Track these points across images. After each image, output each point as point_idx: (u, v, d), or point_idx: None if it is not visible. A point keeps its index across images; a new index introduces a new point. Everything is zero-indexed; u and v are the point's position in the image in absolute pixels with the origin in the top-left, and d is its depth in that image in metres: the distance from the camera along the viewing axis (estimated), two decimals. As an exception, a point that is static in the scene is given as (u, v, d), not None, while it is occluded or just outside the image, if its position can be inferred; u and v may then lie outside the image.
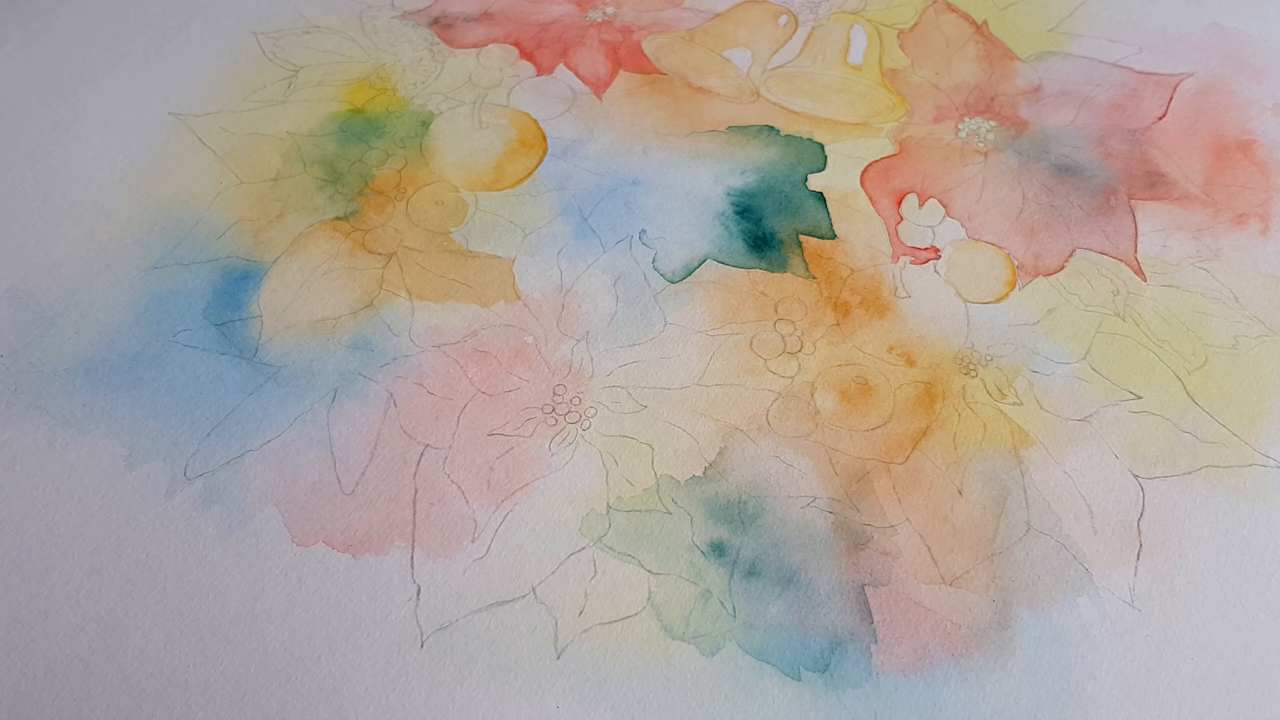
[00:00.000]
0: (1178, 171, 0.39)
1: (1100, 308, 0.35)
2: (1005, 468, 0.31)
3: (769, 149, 0.39)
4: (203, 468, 0.31)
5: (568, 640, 0.29)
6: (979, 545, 0.30)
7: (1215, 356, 0.34)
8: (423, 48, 0.43)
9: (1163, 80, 0.41)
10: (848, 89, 0.41)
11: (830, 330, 0.34)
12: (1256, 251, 0.36)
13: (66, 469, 0.31)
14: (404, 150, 0.39)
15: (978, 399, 0.33)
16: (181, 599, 0.29)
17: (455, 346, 0.34)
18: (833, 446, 0.32)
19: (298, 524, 0.30)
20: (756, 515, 0.31)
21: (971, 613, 0.29)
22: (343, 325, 0.34)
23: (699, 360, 0.34)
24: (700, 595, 0.29)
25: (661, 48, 0.43)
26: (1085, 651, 0.28)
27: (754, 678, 0.28)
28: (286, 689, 0.28)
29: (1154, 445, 0.32)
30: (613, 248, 0.36)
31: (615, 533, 0.30)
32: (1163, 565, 0.30)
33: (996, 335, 0.34)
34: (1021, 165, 0.39)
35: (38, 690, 0.28)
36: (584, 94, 0.41)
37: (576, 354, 0.34)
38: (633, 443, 0.32)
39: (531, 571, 0.30)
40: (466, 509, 0.31)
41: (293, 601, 0.29)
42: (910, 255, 0.36)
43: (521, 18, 0.44)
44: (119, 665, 0.28)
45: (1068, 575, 0.30)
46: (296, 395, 0.33)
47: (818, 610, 0.29)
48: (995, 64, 0.42)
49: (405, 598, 0.29)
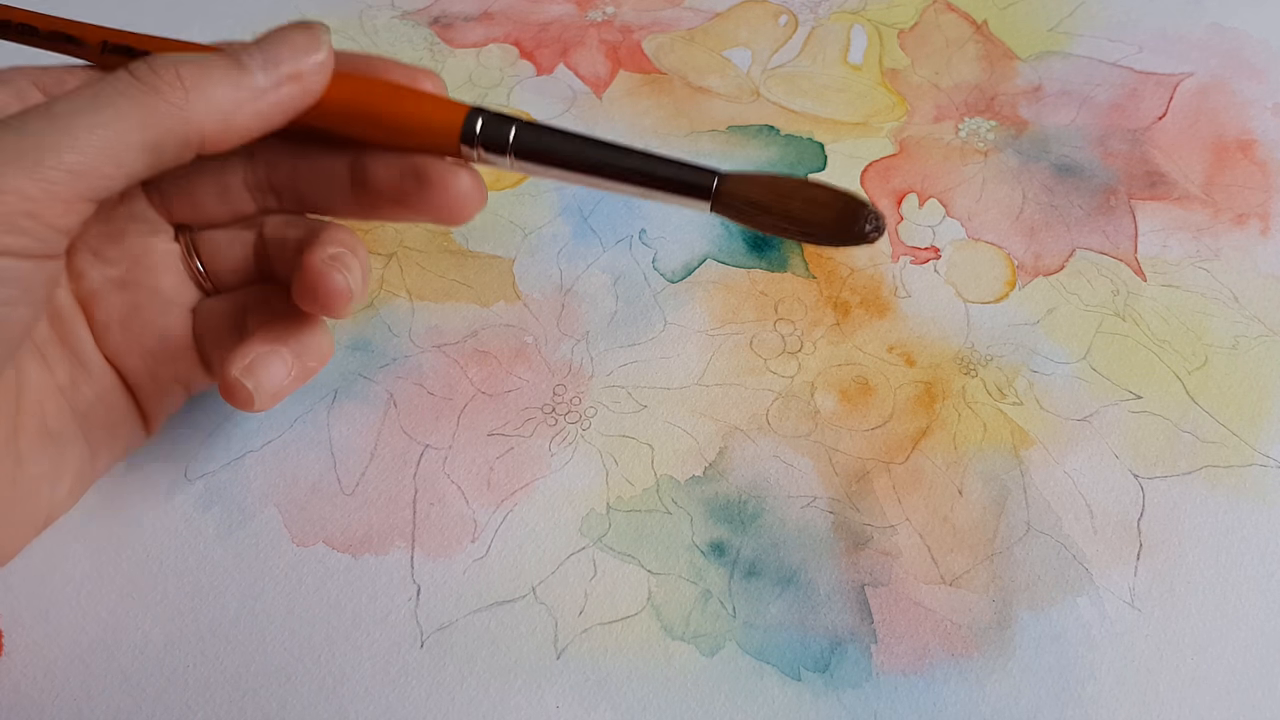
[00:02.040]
0: (1178, 171, 0.39)
1: (1100, 308, 0.35)
2: (1005, 468, 0.31)
3: (769, 149, 0.39)
4: (203, 469, 0.31)
5: (568, 640, 0.29)
6: (979, 545, 0.30)
7: (1215, 356, 0.34)
8: (422, 47, 0.43)
9: (1163, 80, 0.41)
10: (848, 89, 0.41)
11: (830, 330, 0.34)
12: (1257, 251, 0.36)
13: (66, 469, 0.31)
14: (404, 150, 0.39)
15: (978, 399, 0.33)
16: (181, 599, 0.29)
17: (455, 347, 0.34)
18: (833, 446, 0.32)
19: (298, 524, 0.30)
20: (756, 515, 0.31)
21: (971, 613, 0.29)
22: (342, 325, 0.34)
23: (699, 360, 0.34)
24: (700, 595, 0.29)
25: (661, 47, 0.43)
26: (1085, 651, 0.28)
27: (754, 677, 0.28)
28: (286, 689, 0.28)
29: (1154, 445, 0.32)
30: (612, 247, 0.36)
31: (615, 533, 0.30)
32: (1163, 565, 0.30)
33: (996, 335, 0.34)
34: (1021, 165, 0.39)
35: (37, 691, 0.28)
36: (584, 94, 0.41)
37: (576, 354, 0.34)
38: (633, 443, 0.32)
39: (531, 571, 0.30)
40: (466, 509, 0.31)
41: (292, 601, 0.29)
42: (910, 255, 0.36)
43: (521, 17, 0.44)
44: (118, 665, 0.28)
45: (1068, 575, 0.30)
46: (296, 396, 0.33)
47: (818, 610, 0.29)
48: (995, 63, 0.42)
49: (405, 598, 0.29)
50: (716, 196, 0.27)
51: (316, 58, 0.26)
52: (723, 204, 0.27)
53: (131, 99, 0.23)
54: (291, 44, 0.25)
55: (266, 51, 0.25)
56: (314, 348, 0.28)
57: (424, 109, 0.27)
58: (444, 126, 0.26)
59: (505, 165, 0.27)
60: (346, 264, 0.26)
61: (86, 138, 0.23)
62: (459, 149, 0.27)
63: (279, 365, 0.27)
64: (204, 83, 0.24)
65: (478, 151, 0.27)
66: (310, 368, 0.28)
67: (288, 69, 0.25)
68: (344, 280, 0.26)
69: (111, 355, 0.28)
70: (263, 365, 0.26)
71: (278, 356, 0.27)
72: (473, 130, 0.26)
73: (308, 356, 0.28)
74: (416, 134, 0.27)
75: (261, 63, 0.25)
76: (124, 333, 0.28)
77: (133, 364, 0.28)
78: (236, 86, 0.24)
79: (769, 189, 0.27)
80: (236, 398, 0.26)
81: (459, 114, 0.26)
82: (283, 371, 0.27)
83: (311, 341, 0.28)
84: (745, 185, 0.27)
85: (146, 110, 0.23)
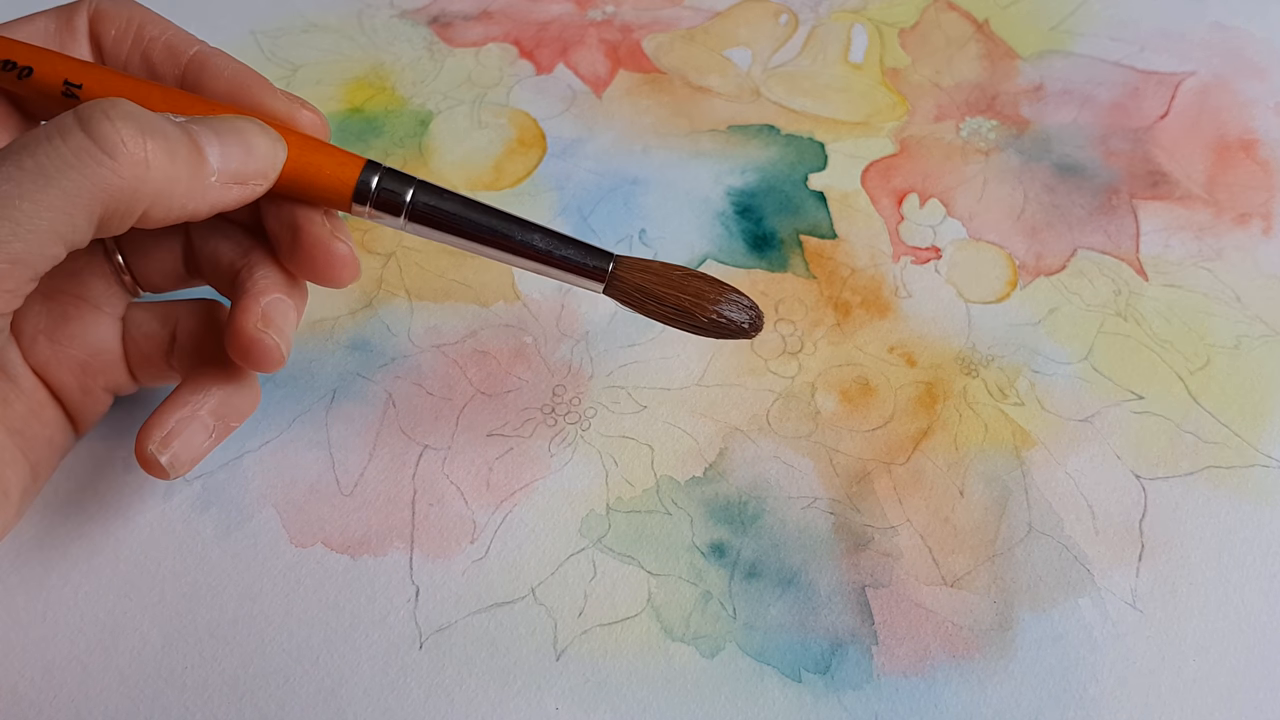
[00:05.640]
0: (1180, 171, 0.38)
1: (1102, 308, 0.35)
2: (1007, 468, 0.31)
3: (769, 148, 0.39)
4: (201, 469, 0.31)
5: (567, 641, 0.28)
6: (980, 546, 0.30)
7: (1217, 357, 0.34)
8: (421, 46, 0.43)
9: (1165, 79, 0.41)
10: (848, 88, 0.41)
11: (831, 330, 0.34)
12: (1259, 251, 0.36)
13: (64, 471, 0.31)
14: (403, 149, 0.39)
15: (979, 399, 0.33)
16: (179, 600, 0.29)
17: (454, 347, 0.34)
18: (833, 447, 0.32)
19: (296, 525, 0.30)
20: (757, 516, 0.31)
21: (973, 614, 0.29)
22: (341, 325, 0.34)
23: (699, 361, 0.34)
24: (700, 596, 0.29)
25: (661, 47, 0.43)
26: (1087, 653, 0.28)
27: (754, 679, 0.28)
28: (285, 690, 0.28)
29: (1156, 446, 0.32)
30: (613, 247, 0.36)
31: (615, 534, 0.30)
32: (1165, 566, 0.30)
33: (998, 335, 0.34)
34: (1023, 164, 0.39)
35: (35, 692, 0.28)
36: (584, 93, 0.41)
37: (576, 354, 0.34)
38: (632, 443, 0.32)
39: (531, 573, 0.30)
40: (465, 510, 0.31)
41: (291, 602, 0.29)
42: (911, 255, 0.36)
43: (521, 16, 0.44)
44: (117, 666, 0.28)
45: (1069, 576, 0.29)
46: (295, 396, 0.33)
47: (818, 611, 0.29)
48: (996, 63, 0.42)
49: (404, 599, 0.29)
50: (610, 280, 0.27)
51: (270, 171, 0.25)
52: (615, 288, 0.27)
53: (84, 174, 0.21)
54: (250, 149, 0.24)
55: (226, 146, 0.24)
56: (237, 404, 0.27)
57: (317, 159, 0.26)
58: (337, 181, 0.26)
59: (397, 225, 0.26)
60: (277, 323, 0.26)
61: (31, 224, 0.21)
62: (350, 205, 0.26)
63: (198, 435, 0.26)
64: (165, 162, 0.22)
65: (368, 209, 0.26)
66: (231, 426, 0.27)
67: (240, 172, 0.24)
68: (274, 343, 0.26)
69: (40, 368, 0.27)
70: (180, 437, 0.26)
71: (198, 425, 0.26)
72: (368, 187, 0.26)
73: (230, 415, 0.27)
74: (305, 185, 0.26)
75: (219, 158, 0.24)
76: (52, 344, 0.27)
77: (62, 376, 0.28)
78: (192, 175, 0.23)
79: (660, 278, 0.27)
80: (149, 471, 0.26)
81: (355, 168, 0.26)
82: (201, 439, 0.26)
83: (236, 395, 0.27)
84: (638, 273, 0.27)
85: (98, 185, 0.21)
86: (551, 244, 0.27)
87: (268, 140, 0.25)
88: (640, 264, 0.27)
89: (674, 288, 0.27)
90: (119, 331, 0.28)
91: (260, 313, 0.26)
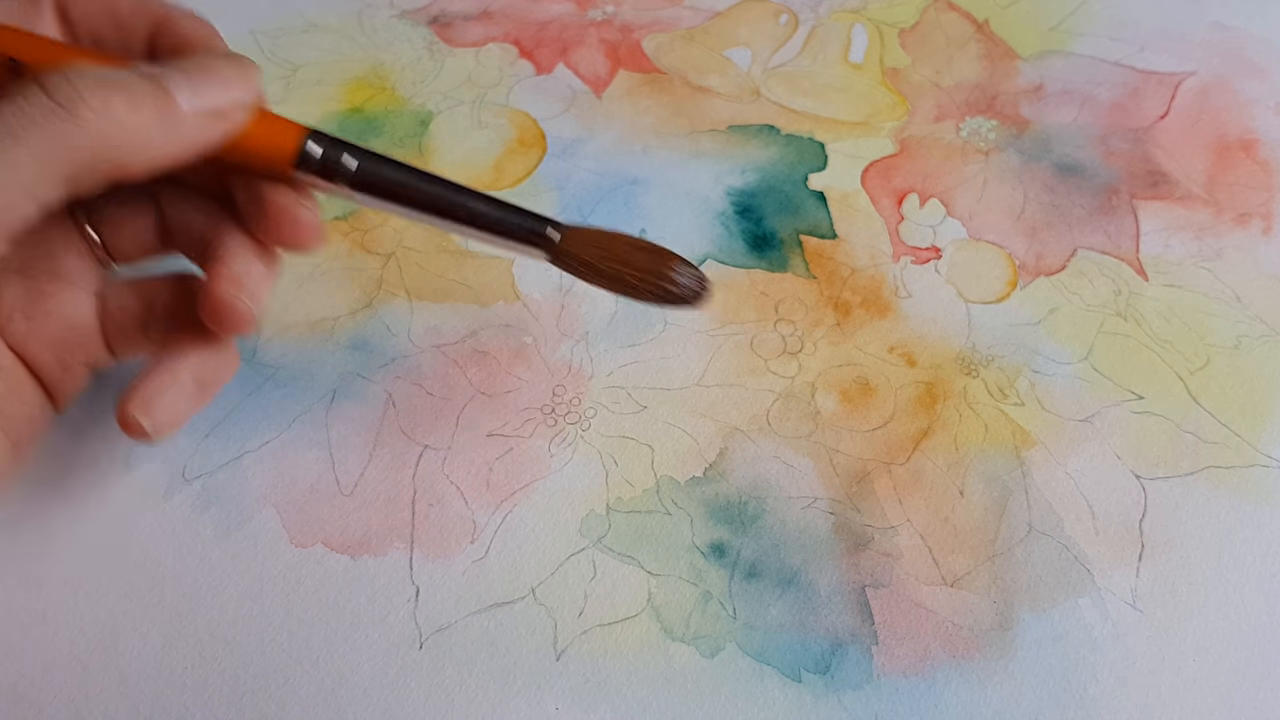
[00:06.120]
0: (1180, 171, 0.38)
1: (1102, 308, 0.35)
2: (1007, 468, 0.31)
3: (769, 148, 0.39)
4: (201, 469, 0.31)
5: (567, 642, 0.28)
6: (980, 546, 0.30)
7: (1217, 357, 0.34)
8: (421, 46, 0.43)
9: (1165, 79, 0.41)
10: (848, 88, 0.41)
11: (831, 330, 0.34)
12: (1259, 251, 0.36)
13: (64, 470, 0.31)
14: (403, 149, 0.39)
15: (979, 399, 0.33)
16: (179, 600, 0.29)
17: (454, 347, 0.34)
18: (833, 447, 0.32)
19: (296, 525, 0.30)
20: (757, 516, 0.31)
21: (973, 614, 0.29)
22: (341, 325, 0.34)
23: (699, 361, 0.34)
24: (700, 596, 0.29)
25: (661, 46, 0.43)
26: (1087, 653, 0.28)
27: (754, 679, 0.28)
28: (285, 690, 0.28)
29: (1156, 446, 0.32)
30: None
31: (615, 534, 0.30)
32: (1165, 566, 0.30)
33: (998, 335, 0.34)
34: (1023, 164, 0.39)
35: (35, 692, 0.28)
36: (583, 93, 0.41)
37: (576, 354, 0.34)
38: (632, 443, 0.32)
39: (531, 573, 0.30)
40: (465, 510, 0.31)
41: (291, 603, 0.29)
42: (911, 255, 0.36)
43: (521, 16, 0.44)
44: (116, 666, 0.28)
45: (1069, 576, 0.29)
46: (295, 396, 0.33)
47: (818, 611, 0.29)
48: (996, 63, 0.42)
49: (404, 599, 0.29)
50: (557, 249, 0.27)
51: (246, 96, 0.25)
52: (561, 258, 0.27)
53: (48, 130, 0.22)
54: (222, 80, 0.24)
55: (196, 83, 0.24)
56: (216, 367, 0.28)
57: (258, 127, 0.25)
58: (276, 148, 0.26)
59: (342, 194, 0.26)
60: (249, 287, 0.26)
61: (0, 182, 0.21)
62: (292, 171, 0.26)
63: (178, 398, 0.27)
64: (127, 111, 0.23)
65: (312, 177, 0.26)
66: (210, 390, 0.28)
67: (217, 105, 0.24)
68: (246, 306, 0.26)
69: (17, 345, 0.27)
70: (161, 400, 0.27)
71: (178, 389, 0.27)
72: (310, 154, 0.26)
73: (209, 378, 0.28)
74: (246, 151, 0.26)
75: (191, 96, 0.24)
76: (28, 321, 0.27)
77: (40, 353, 0.28)
78: (161, 119, 0.23)
79: (604, 248, 0.28)
80: (131, 433, 0.26)
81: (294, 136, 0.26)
82: (181, 403, 0.27)
83: (214, 358, 0.28)
84: (583, 243, 0.27)
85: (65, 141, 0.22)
86: (498, 213, 0.27)
87: (236, 67, 0.25)
88: (586, 233, 0.28)
89: (618, 260, 0.28)
90: (95, 306, 0.28)
91: (232, 277, 0.26)
